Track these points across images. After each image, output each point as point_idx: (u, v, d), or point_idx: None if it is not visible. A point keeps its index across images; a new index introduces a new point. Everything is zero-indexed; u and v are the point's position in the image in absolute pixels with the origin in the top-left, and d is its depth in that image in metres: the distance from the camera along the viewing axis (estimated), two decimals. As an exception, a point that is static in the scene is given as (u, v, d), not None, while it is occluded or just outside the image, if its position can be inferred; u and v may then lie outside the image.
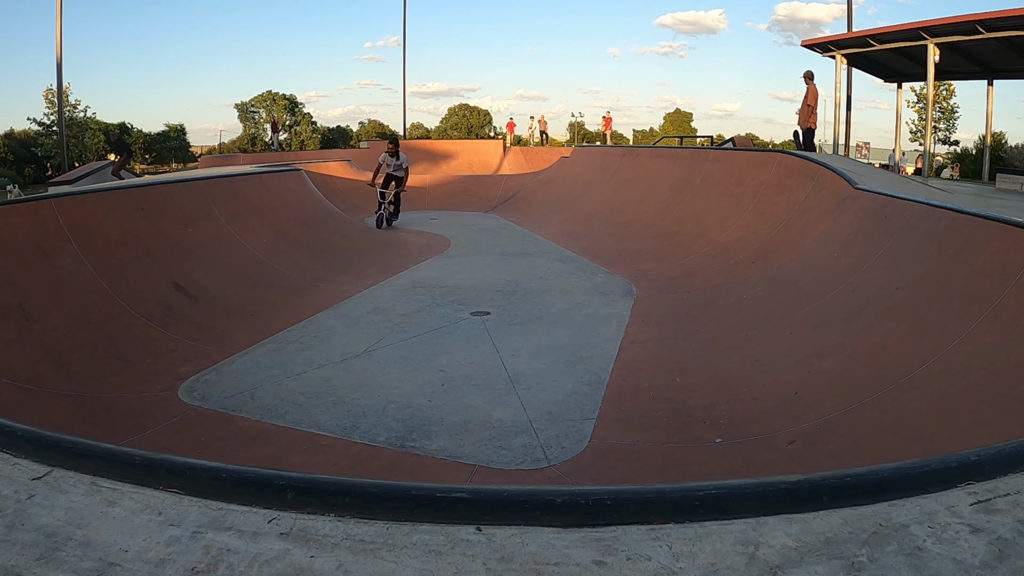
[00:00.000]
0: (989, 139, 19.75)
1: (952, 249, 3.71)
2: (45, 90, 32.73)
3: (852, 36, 18.25)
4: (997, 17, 14.02)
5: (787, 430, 3.14)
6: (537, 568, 0.77)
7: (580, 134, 43.32)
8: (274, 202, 7.80)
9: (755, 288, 5.62)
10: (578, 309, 5.70)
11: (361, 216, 11.63)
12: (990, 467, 0.97)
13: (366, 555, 0.80)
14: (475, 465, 3.00)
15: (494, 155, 23.64)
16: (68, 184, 15.67)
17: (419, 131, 50.57)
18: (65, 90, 27.73)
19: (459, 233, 10.45)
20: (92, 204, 5.19)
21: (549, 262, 7.94)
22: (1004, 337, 2.84)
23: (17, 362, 3.50)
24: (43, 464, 1.04)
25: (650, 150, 14.27)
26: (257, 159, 17.96)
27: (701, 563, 0.78)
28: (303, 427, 3.38)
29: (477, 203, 14.42)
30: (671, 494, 0.96)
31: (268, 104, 44.13)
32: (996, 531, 0.82)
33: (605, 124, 28.61)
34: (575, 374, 4.11)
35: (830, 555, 0.78)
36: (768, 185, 7.79)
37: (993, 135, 20.98)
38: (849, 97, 20.32)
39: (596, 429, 3.36)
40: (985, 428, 2.48)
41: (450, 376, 4.07)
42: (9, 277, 3.96)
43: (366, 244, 8.84)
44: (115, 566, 0.79)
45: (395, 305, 5.78)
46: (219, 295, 5.43)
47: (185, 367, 4.13)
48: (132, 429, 3.25)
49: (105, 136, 33.62)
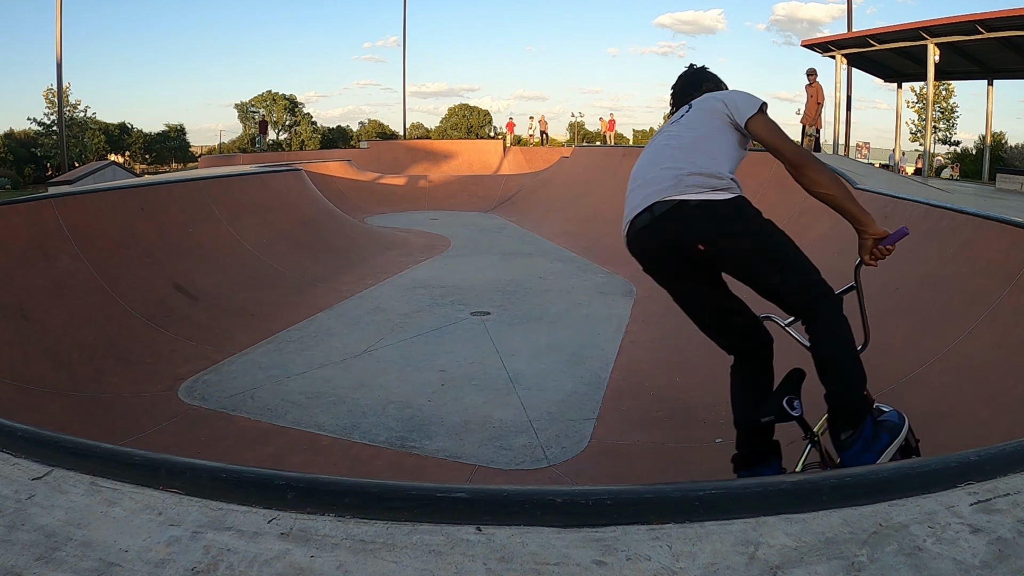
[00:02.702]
0: (989, 139, 19.76)
1: (952, 249, 3.71)
2: (45, 90, 32.81)
3: (852, 36, 18.27)
4: (997, 17, 14.03)
5: (787, 430, 3.14)
6: (537, 568, 0.77)
7: (580, 134, 43.32)
8: (274, 202, 7.80)
9: (755, 288, 5.61)
10: (578, 309, 5.70)
11: (361, 216, 11.63)
12: (990, 467, 0.97)
13: (366, 555, 0.80)
14: (475, 465, 3.00)
15: (494, 155, 23.65)
16: (68, 184, 15.70)
17: (419, 131, 50.59)
18: (65, 90, 27.74)
19: (459, 233, 10.45)
20: (92, 204, 5.19)
21: (549, 262, 7.94)
22: (1004, 337, 2.84)
23: (17, 362, 3.50)
24: (43, 464, 1.04)
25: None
26: (257, 159, 17.96)
27: (701, 563, 0.78)
28: (303, 427, 3.38)
29: (477, 203, 14.42)
30: (671, 494, 0.96)
31: (268, 104, 44.15)
32: (996, 531, 0.82)
33: (609, 126, 28.63)
34: (575, 374, 4.11)
35: (830, 555, 0.78)
36: (768, 185, 7.79)
37: (993, 135, 21.00)
38: (849, 97, 20.34)
39: (596, 429, 3.36)
40: (985, 428, 2.48)
41: (450, 376, 4.07)
42: (9, 277, 3.96)
43: (366, 244, 8.84)
44: (115, 566, 0.79)
45: (395, 305, 5.78)
46: (219, 295, 5.43)
47: (185, 367, 4.13)
48: (132, 429, 3.25)
49: (105, 136, 33.67)
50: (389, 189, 15.40)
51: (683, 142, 2.01)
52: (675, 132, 2.07)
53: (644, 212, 1.93)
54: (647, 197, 1.93)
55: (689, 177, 1.89)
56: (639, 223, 1.95)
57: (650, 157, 2.06)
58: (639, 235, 1.97)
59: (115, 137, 37.96)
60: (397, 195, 14.98)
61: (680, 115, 2.15)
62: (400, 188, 15.63)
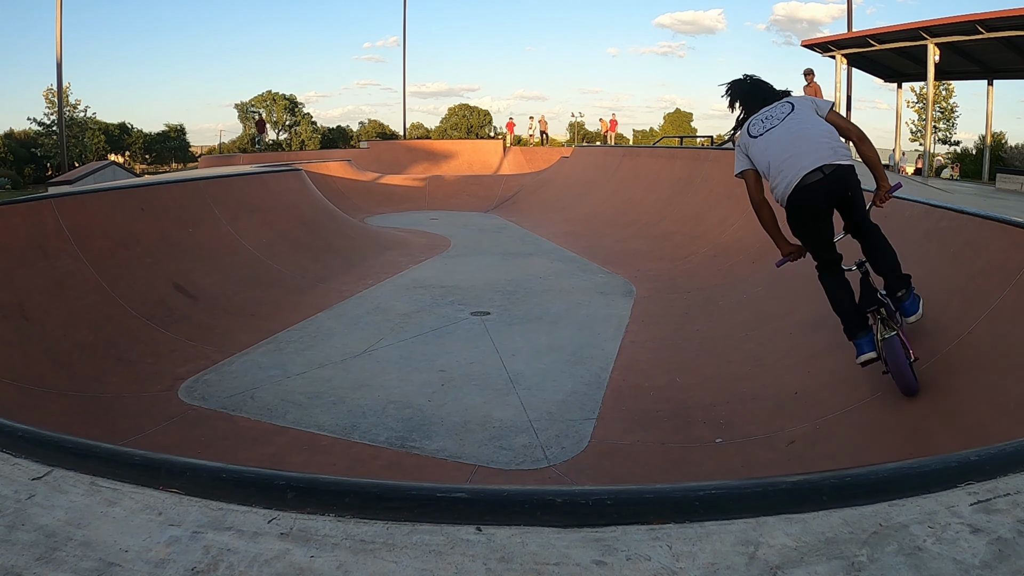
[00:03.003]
0: (989, 139, 19.75)
1: (952, 249, 3.71)
2: (45, 90, 32.77)
3: (852, 36, 18.25)
4: (997, 17, 14.02)
5: (787, 430, 3.14)
6: (537, 568, 0.77)
7: (580, 134, 43.33)
8: (274, 202, 7.80)
9: (755, 288, 5.62)
10: (578, 309, 5.70)
11: (361, 216, 11.63)
12: (990, 467, 0.97)
13: (366, 555, 0.81)
14: (475, 465, 3.01)
15: (494, 155, 23.64)
16: (68, 184, 15.70)
17: (419, 131, 50.57)
18: (65, 90, 27.74)
19: (459, 233, 10.45)
20: (92, 204, 5.19)
21: (549, 262, 7.94)
22: (1004, 337, 2.84)
23: (17, 362, 3.50)
24: (43, 464, 1.04)
25: (650, 150, 14.26)
26: (257, 159, 17.97)
27: (701, 563, 0.78)
28: (303, 427, 3.38)
29: (477, 203, 14.42)
30: (671, 494, 0.96)
31: (268, 104, 44.14)
32: (996, 531, 0.82)
33: (611, 126, 28.61)
34: (575, 374, 4.11)
35: (830, 555, 0.78)
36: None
37: (993, 135, 20.99)
38: (849, 97, 20.31)
39: (596, 429, 3.36)
40: (985, 428, 2.48)
41: (450, 376, 4.07)
42: (9, 277, 3.96)
43: (366, 244, 8.84)
44: (115, 566, 0.79)
45: (395, 305, 5.78)
46: (219, 295, 5.43)
47: (185, 367, 4.13)
48: (132, 429, 3.25)
49: (105, 136, 33.69)
50: (389, 189, 15.39)
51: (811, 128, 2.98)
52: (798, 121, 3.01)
53: (815, 171, 2.84)
54: (815, 160, 2.85)
55: (841, 149, 2.92)
56: (811, 178, 2.86)
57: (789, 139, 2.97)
58: (809, 187, 2.87)
59: (115, 137, 37.96)
60: (397, 195, 14.98)
61: (786, 112, 3.06)
62: (400, 188, 15.62)
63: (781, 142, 2.96)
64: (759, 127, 3.08)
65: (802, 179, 2.85)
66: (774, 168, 2.96)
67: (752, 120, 3.14)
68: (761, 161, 3.03)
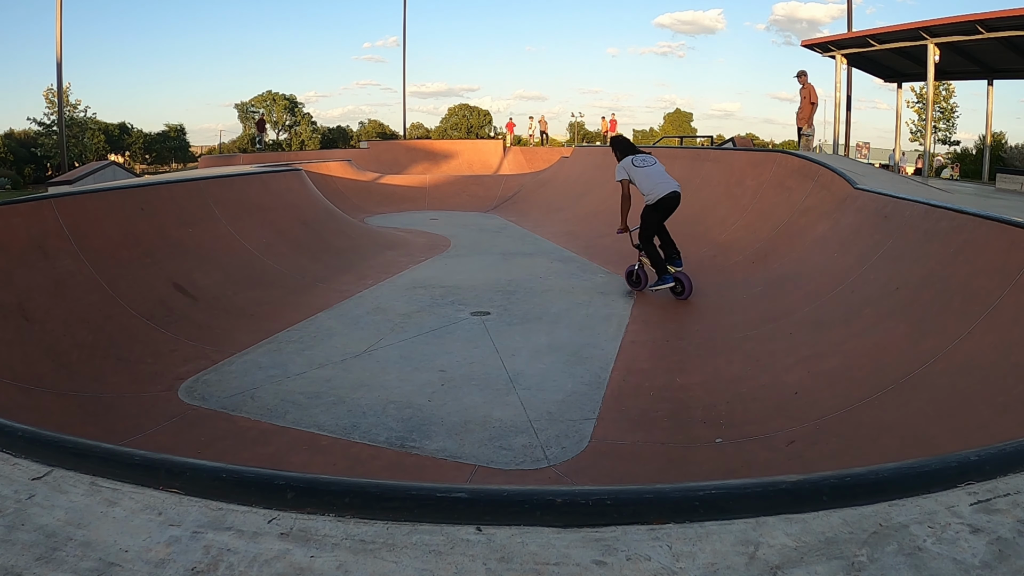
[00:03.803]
0: (989, 139, 19.76)
1: (952, 249, 3.71)
2: (45, 90, 32.81)
3: (852, 36, 18.25)
4: (997, 17, 14.03)
5: (787, 430, 3.14)
6: (537, 568, 0.77)
7: (580, 134, 43.33)
8: (274, 202, 7.80)
9: (755, 288, 5.62)
10: (578, 309, 5.70)
11: (361, 216, 11.64)
12: (990, 467, 0.97)
13: (366, 555, 0.81)
14: (475, 465, 3.00)
15: (494, 155, 23.65)
16: (68, 184, 15.70)
17: (419, 131, 50.60)
18: (65, 90, 27.76)
19: (459, 233, 10.45)
20: (92, 204, 5.19)
21: (549, 262, 7.94)
22: (1004, 337, 2.84)
23: (17, 362, 3.50)
24: (43, 464, 1.04)
25: (650, 150, 14.25)
26: (257, 159, 17.96)
27: (701, 563, 0.78)
28: (303, 427, 3.38)
29: (477, 203, 14.42)
30: (671, 494, 0.96)
31: (268, 104, 44.15)
32: (996, 531, 0.82)
33: (610, 126, 28.62)
34: (575, 374, 4.11)
35: (830, 555, 0.78)
36: (768, 185, 7.79)
37: (993, 135, 20.99)
38: (849, 97, 20.33)
39: (596, 429, 3.36)
40: (985, 428, 2.48)
41: (450, 376, 4.07)
42: (9, 277, 3.96)
43: (366, 244, 8.84)
44: (115, 566, 0.79)
45: (395, 305, 5.78)
46: (219, 295, 5.43)
47: (185, 367, 4.13)
48: (132, 429, 3.25)
49: (105, 136, 33.68)
50: (389, 189, 15.39)
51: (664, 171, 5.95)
52: (660, 167, 5.98)
53: (674, 191, 5.74)
54: (672, 186, 5.78)
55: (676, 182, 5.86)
56: (671, 194, 5.74)
57: (657, 172, 5.90)
58: (666, 198, 5.72)
59: (115, 137, 37.96)
60: (397, 195, 14.97)
61: (653, 161, 6.03)
62: (400, 188, 15.62)
63: (656, 174, 5.86)
64: (640, 162, 5.95)
65: (667, 193, 5.72)
66: (651, 185, 5.77)
67: (634, 158, 6.02)
68: (642, 180, 5.83)
